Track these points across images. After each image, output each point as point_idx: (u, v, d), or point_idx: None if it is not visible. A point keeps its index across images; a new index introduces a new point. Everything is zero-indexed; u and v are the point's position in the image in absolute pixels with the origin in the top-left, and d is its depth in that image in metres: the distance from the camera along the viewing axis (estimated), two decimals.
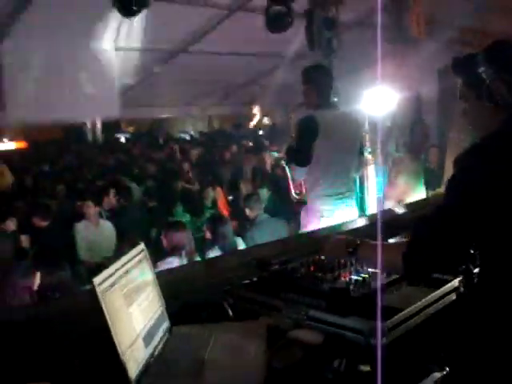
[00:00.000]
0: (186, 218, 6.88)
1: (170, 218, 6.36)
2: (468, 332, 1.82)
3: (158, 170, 10.02)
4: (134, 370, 1.44)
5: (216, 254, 4.50)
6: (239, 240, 5.26)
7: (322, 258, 2.17)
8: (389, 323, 1.75)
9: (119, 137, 16.44)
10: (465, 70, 1.79)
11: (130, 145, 14.93)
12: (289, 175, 4.05)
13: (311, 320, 1.84)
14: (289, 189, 4.12)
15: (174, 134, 17.81)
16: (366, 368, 1.76)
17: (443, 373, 1.85)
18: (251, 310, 2.02)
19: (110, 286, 1.45)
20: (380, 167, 6.85)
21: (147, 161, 11.03)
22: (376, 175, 7.07)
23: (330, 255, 2.09)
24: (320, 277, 2.02)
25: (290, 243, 3.14)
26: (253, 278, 2.17)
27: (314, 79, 3.80)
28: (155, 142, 15.26)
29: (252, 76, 13.86)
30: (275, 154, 8.97)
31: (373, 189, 7.11)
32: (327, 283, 1.95)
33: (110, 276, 1.47)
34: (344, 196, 3.84)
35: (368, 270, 2.07)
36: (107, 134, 15.45)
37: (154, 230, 6.32)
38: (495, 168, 1.62)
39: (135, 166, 10.68)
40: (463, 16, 7.03)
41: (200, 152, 11.87)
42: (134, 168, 10.37)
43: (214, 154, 11.43)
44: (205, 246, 4.94)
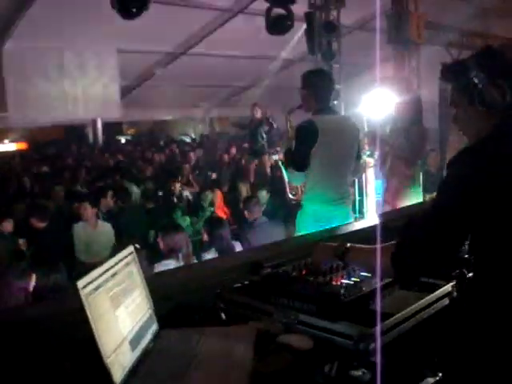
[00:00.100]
0: (185, 221, 6.89)
1: (169, 221, 6.34)
2: (461, 337, 1.80)
3: (157, 171, 10.02)
4: (119, 374, 1.42)
5: (212, 256, 4.49)
6: (237, 243, 5.26)
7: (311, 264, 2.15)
8: (379, 328, 1.73)
9: (120, 138, 16.45)
10: (455, 75, 1.78)
11: (131, 146, 14.94)
12: (285, 176, 4.03)
13: (301, 325, 1.82)
14: (285, 189, 4.12)
15: (175, 136, 17.83)
16: (358, 373, 1.74)
17: (436, 378, 1.84)
18: (242, 314, 2.01)
19: (95, 290, 1.44)
20: (379, 170, 6.85)
21: (147, 163, 11.04)
22: (375, 178, 7.07)
23: (318, 262, 2.07)
24: (311, 281, 2.00)
25: (284, 246, 3.12)
26: (244, 282, 2.15)
27: (314, 84, 3.78)
28: (156, 143, 15.28)
29: (253, 78, 13.89)
30: (275, 156, 8.96)
31: (372, 192, 7.11)
32: (318, 287, 1.93)
33: (94, 279, 1.45)
34: (341, 201, 3.82)
35: (360, 274, 2.05)
36: (108, 136, 15.46)
37: (152, 232, 6.31)
38: (487, 172, 1.61)
39: (135, 167, 10.67)
40: (463, 19, 7.03)
41: (200, 154, 11.87)
42: (134, 170, 10.36)
43: (214, 156, 11.42)
44: (202, 249, 4.93)
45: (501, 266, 1.67)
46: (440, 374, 1.83)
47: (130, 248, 1.77)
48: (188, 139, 17.09)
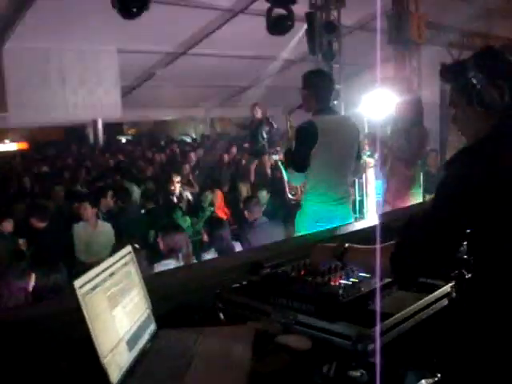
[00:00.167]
0: (185, 221, 6.88)
1: (169, 221, 6.33)
2: (460, 338, 1.80)
3: (157, 171, 10.01)
4: (115, 375, 1.42)
5: (212, 256, 4.49)
6: (237, 243, 5.25)
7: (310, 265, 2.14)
8: (378, 328, 1.72)
9: (120, 139, 16.45)
10: (454, 75, 1.78)
11: (131, 146, 14.94)
12: (284, 176, 4.03)
13: (300, 325, 1.82)
14: (284, 189, 4.11)
15: (176, 136, 17.83)
16: (356, 374, 1.74)
17: (435, 379, 1.83)
18: (241, 314, 2.00)
19: (92, 289, 1.43)
20: (380, 171, 6.84)
21: (147, 163, 11.03)
22: (376, 178, 7.06)
23: (317, 263, 2.07)
24: (310, 281, 2.00)
25: (284, 246, 3.11)
26: (243, 282, 2.14)
27: (314, 84, 3.77)
28: (156, 144, 15.27)
29: (254, 79, 13.88)
30: (276, 156, 8.95)
31: (372, 192, 7.10)
32: (317, 288, 1.93)
33: (91, 279, 1.45)
34: (341, 201, 3.81)
35: (359, 274, 2.04)
36: (109, 136, 15.46)
37: (152, 232, 6.30)
38: (486, 172, 1.61)
39: (135, 167, 10.67)
40: (464, 20, 7.02)
41: (200, 154, 11.86)
42: (134, 170, 10.36)
43: (215, 157, 11.41)
44: (202, 249, 4.92)
45: (500, 266, 1.67)
46: (439, 374, 1.83)
47: (128, 248, 1.77)
48: (189, 139, 17.09)
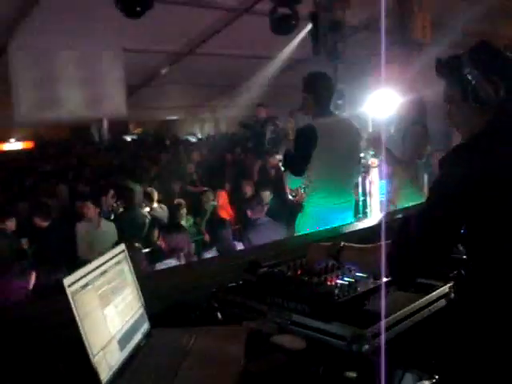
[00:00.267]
0: (188, 221, 6.88)
1: (171, 220, 6.33)
2: (458, 339, 1.78)
3: (162, 171, 10.01)
4: (105, 373, 1.40)
5: (212, 256, 4.48)
6: (240, 243, 5.24)
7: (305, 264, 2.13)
8: (373, 329, 1.71)
9: (125, 138, 16.47)
10: (449, 71, 1.76)
11: (136, 146, 14.96)
12: (285, 177, 4.01)
13: (295, 325, 1.80)
14: (285, 190, 4.09)
15: (181, 136, 17.84)
16: (352, 374, 1.72)
17: (432, 380, 1.81)
18: (237, 314, 1.99)
19: (82, 287, 1.42)
20: (384, 171, 6.79)
21: (152, 162, 11.03)
22: (379, 179, 7.01)
23: (312, 262, 2.05)
24: (306, 281, 1.98)
25: (283, 246, 3.10)
26: (239, 281, 2.13)
27: (314, 88, 3.74)
28: (161, 143, 15.28)
29: (259, 78, 13.85)
30: (280, 156, 8.92)
31: (376, 192, 7.06)
32: (312, 287, 1.91)
33: (82, 277, 1.44)
34: (342, 204, 3.78)
35: (356, 274, 2.03)
36: (114, 135, 15.47)
37: (155, 232, 6.29)
38: (481, 168, 1.59)
39: (140, 167, 10.67)
40: (469, 19, 6.98)
41: (204, 154, 11.85)
42: (139, 169, 10.36)
43: (219, 156, 11.40)
44: (203, 249, 4.92)
45: (497, 266, 1.65)
46: (436, 376, 1.81)
47: (122, 246, 1.76)
48: (194, 139, 17.09)
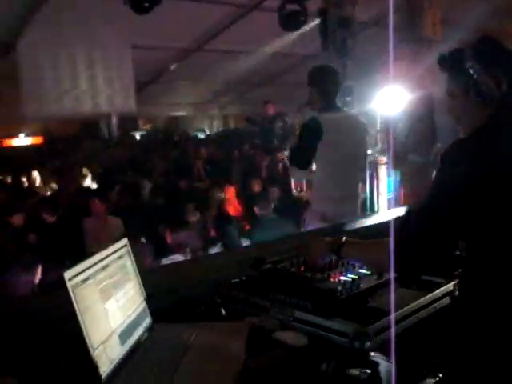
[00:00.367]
0: (195, 216, 6.87)
1: (178, 216, 6.33)
2: (462, 338, 1.76)
3: (170, 167, 10.03)
4: (105, 367, 1.40)
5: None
6: (247, 240, 5.23)
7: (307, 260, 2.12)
8: (375, 326, 1.70)
9: (134, 134, 16.49)
10: (451, 65, 1.74)
11: (145, 142, 14.99)
12: (291, 171, 4.00)
13: (297, 321, 1.80)
14: (290, 186, 4.09)
15: (190, 132, 17.84)
16: (355, 372, 1.71)
17: (436, 379, 1.80)
18: (240, 310, 1.99)
19: (83, 281, 1.42)
20: (391, 168, 6.78)
21: (161, 158, 11.05)
22: (388, 176, 7.00)
23: (314, 257, 2.04)
24: (309, 277, 1.98)
25: (288, 242, 3.08)
26: (242, 277, 2.12)
27: (319, 81, 3.72)
28: (170, 139, 15.29)
29: (268, 75, 13.83)
30: (287, 153, 8.91)
31: (384, 189, 7.04)
32: (315, 284, 1.90)
33: (83, 271, 1.43)
34: (347, 200, 3.77)
35: (359, 270, 2.02)
36: (123, 131, 15.50)
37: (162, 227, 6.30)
38: (482, 162, 1.58)
39: (148, 162, 10.70)
40: (478, 16, 6.92)
41: (212, 150, 11.86)
42: (148, 165, 10.39)
43: (227, 153, 11.41)
44: (209, 244, 4.92)
45: (498, 263, 1.63)
46: (440, 375, 1.79)
47: (124, 241, 1.76)
48: (202, 135, 17.09)
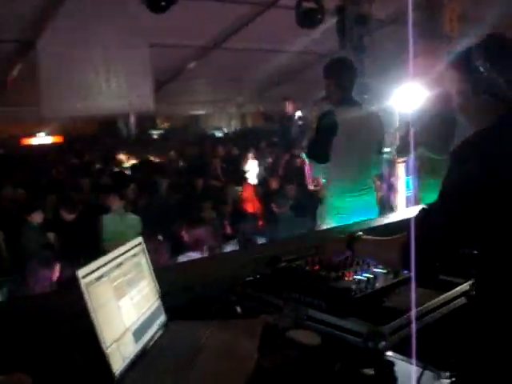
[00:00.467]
0: (212, 214, 6.89)
1: (195, 214, 6.35)
2: (478, 338, 1.75)
3: (188, 165, 10.08)
4: (119, 365, 1.41)
5: (232, 249, 4.49)
6: (262, 238, 5.23)
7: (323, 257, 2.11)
8: (390, 326, 1.68)
9: (152, 133, 16.58)
10: (461, 64, 1.73)
11: (163, 140, 15.07)
12: (307, 168, 3.98)
13: (311, 320, 1.79)
14: (306, 181, 4.09)
15: (208, 130, 17.89)
16: (370, 372, 1.70)
17: (452, 379, 1.78)
18: (254, 308, 1.98)
19: (97, 279, 1.43)
20: (410, 166, 6.71)
21: (179, 157, 11.11)
22: (406, 174, 6.93)
23: (328, 255, 2.03)
24: (323, 276, 1.96)
25: (304, 240, 3.08)
26: (256, 275, 2.12)
27: (336, 73, 3.70)
28: (188, 138, 15.34)
29: (287, 73, 13.79)
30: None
31: (402, 187, 6.98)
32: (330, 283, 1.89)
33: (97, 269, 1.44)
34: (361, 194, 3.76)
35: (374, 269, 2.00)
36: (142, 130, 15.59)
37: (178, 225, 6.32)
38: (490, 162, 1.57)
39: (166, 161, 10.77)
40: (497, 13, 6.84)
41: (230, 149, 11.88)
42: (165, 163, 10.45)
43: (244, 150, 11.42)
44: (224, 241, 4.93)
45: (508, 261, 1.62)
46: (456, 375, 1.77)
47: (139, 239, 1.77)
48: (220, 134, 17.12)
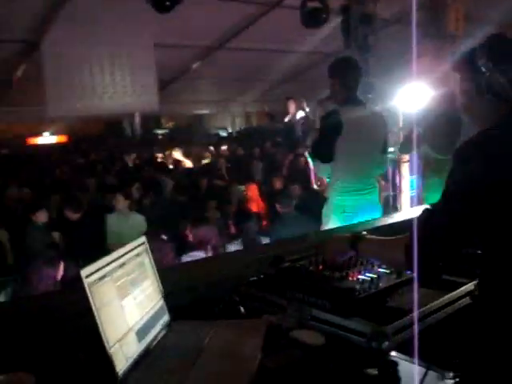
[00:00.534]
0: (216, 214, 6.89)
1: (199, 213, 6.35)
2: (482, 338, 1.74)
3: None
4: (122, 364, 1.41)
5: (236, 248, 4.49)
6: (266, 238, 5.23)
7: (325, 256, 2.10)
8: (393, 326, 1.68)
9: (157, 133, 16.59)
10: (464, 64, 1.73)
11: (168, 140, 15.08)
12: (311, 167, 3.98)
13: (315, 320, 1.79)
14: (310, 180, 4.08)
15: (213, 130, 17.89)
16: (374, 372, 1.70)
17: (456, 380, 1.77)
18: (257, 308, 1.98)
19: (100, 279, 1.43)
20: (415, 165, 6.70)
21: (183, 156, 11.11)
22: (410, 173, 6.92)
23: (333, 254, 2.02)
24: (327, 276, 1.96)
25: (308, 240, 3.07)
26: (260, 275, 2.12)
27: (340, 73, 3.70)
28: (193, 137, 15.35)
29: (291, 72, 13.79)
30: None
31: (407, 187, 6.97)
32: (333, 283, 1.89)
33: (100, 268, 1.44)
34: (365, 192, 3.76)
35: (378, 269, 2.00)
36: (146, 129, 15.61)
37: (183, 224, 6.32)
38: (493, 160, 1.57)
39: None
40: (503, 12, 6.82)
41: (234, 148, 11.88)
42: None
43: (249, 150, 11.42)
44: (228, 241, 4.93)
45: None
46: (460, 375, 1.77)
47: (142, 239, 1.77)
48: (224, 133, 17.13)
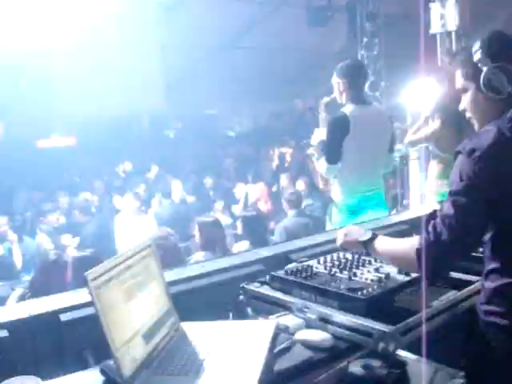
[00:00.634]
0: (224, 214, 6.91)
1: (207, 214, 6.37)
2: (491, 337, 1.73)
3: (200, 165, 10.10)
4: (129, 367, 1.41)
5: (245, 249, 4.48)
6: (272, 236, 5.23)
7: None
8: (402, 326, 1.67)
9: (168, 133, 16.60)
10: (463, 61, 1.74)
11: (176, 140, 15.09)
12: (316, 166, 3.96)
13: (322, 321, 1.78)
14: (316, 179, 4.08)
15: (221, 130, 17.89)
16: (383, 372, 1.69)
17: (462, 380, 1.76)
18: (265, 308, 1.98)
19: (106, 281, 1.43)
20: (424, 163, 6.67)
21: (192, 157, 11.13)
22: (419, 171, 6.89)
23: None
24: (335, 276, 1.96)
25: (316, 240, 3.07)
26: (267, 275, 2.11)
27: (348, 73, 3.72)
28: (201, 138, 15.35)
29: (298, 71, 13.78)
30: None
31: (416, 185, 6.95)
32: (342, 282, 1.88)
33: (106, 271, 1.44)
34: (372, 193, 3.75)
35: (387, 269, 1.99)
36: (154, 130, 15.62)
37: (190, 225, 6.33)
38: (493, 157, 1.59)
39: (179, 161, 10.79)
40: (510, 7, 6.78)
41: (243, 148, 11.89)
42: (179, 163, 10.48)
43: (257, 150, 11.42)
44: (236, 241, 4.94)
45: None
46: (468, 375, 1.76)
47: (148, 241, 1.77)
48: (232, 133, 17.13)
